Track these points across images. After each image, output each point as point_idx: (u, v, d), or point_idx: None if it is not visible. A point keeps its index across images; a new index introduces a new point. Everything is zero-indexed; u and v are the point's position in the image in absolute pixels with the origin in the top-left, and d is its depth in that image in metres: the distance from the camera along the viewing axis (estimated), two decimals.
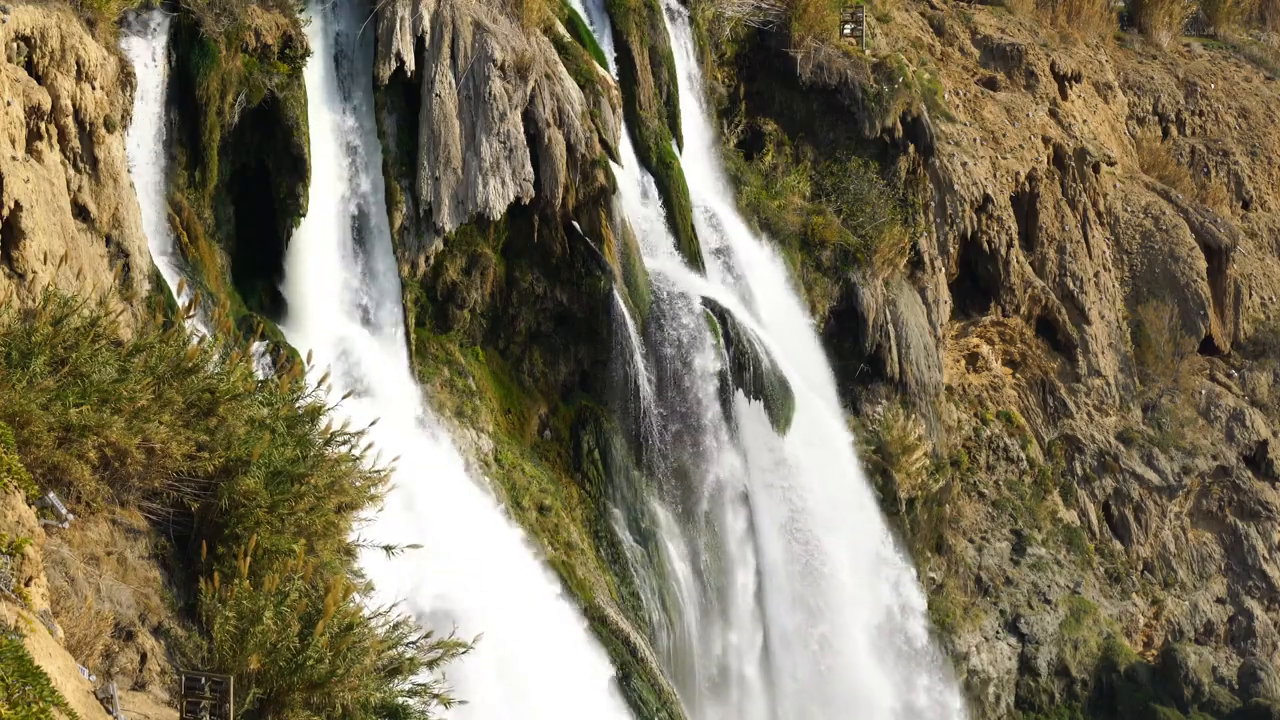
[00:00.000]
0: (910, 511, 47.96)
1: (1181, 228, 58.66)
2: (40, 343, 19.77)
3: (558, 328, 40.15)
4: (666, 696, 37.75)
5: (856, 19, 51.46)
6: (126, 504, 20.51)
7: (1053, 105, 57.66)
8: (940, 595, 49.30)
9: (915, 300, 49.04)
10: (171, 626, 19.65)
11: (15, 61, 27.46)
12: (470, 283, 38.85)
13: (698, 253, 43.26)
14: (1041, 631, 50.78)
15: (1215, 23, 70.87)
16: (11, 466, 16.99)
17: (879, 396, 47.74)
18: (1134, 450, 55.36)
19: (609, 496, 40.08)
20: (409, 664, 20.12)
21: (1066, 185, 55.89)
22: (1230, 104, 65.88)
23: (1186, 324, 57.61)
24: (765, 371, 41.42)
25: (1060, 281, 54.90)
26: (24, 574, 15.98)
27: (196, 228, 33.82)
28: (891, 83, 48.33)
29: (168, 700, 18.48)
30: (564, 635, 35.91)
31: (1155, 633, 54.02)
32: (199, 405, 20.90)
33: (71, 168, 28.81)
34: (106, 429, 19.44)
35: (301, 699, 18.68)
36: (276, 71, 34.71)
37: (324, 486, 20.93)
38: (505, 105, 37.67)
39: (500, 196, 37.61)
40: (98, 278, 27.77)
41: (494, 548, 35.27)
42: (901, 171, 48.99)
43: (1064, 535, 53.24)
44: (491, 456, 38.17)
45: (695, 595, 41.00)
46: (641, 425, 40.13)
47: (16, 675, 13.88)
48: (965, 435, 52.54)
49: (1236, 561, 56.09)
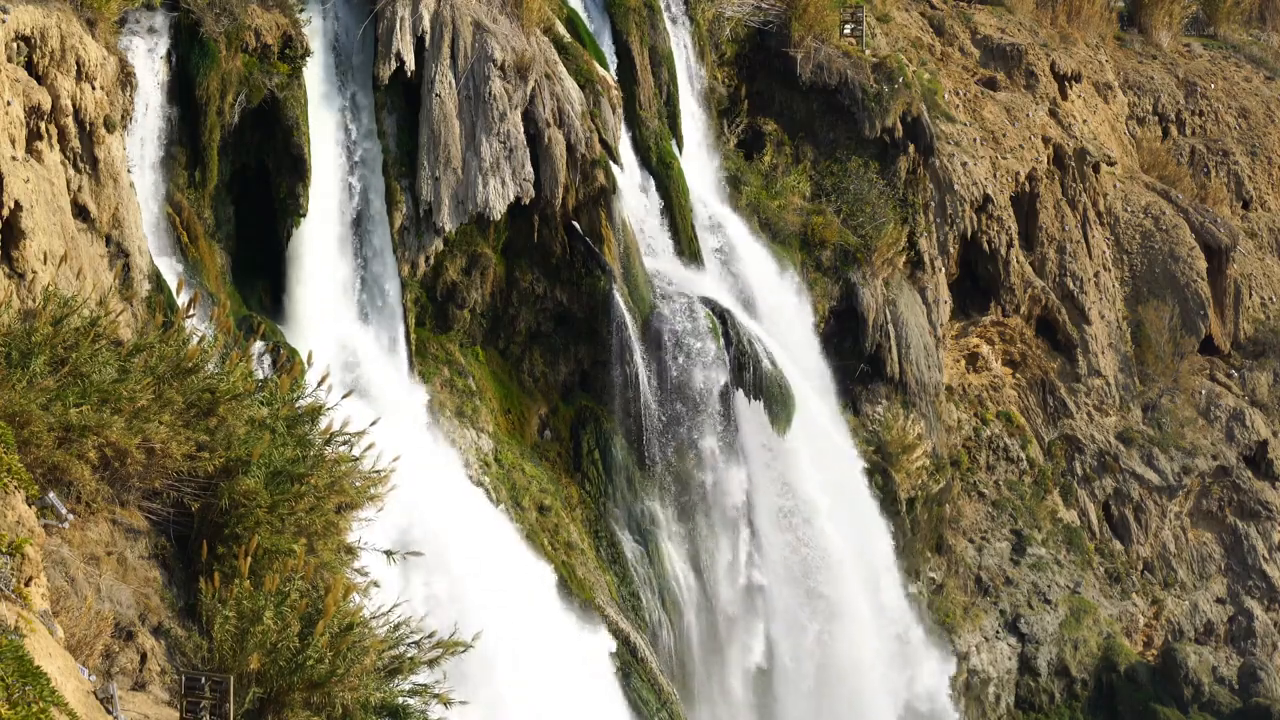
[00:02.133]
0: (910, 511, 47.94)
1: (1181, 228, 58.66)
2: (40, 343, 19.77)
3: (558, 328, 40.14)
4: (666, 696, 37.75)
5: (856, 19, 51.46)
6: (126, 504, 20.51)
7: (1053, 105, 57.66)
8: (940, 595, 49.29)
9: (915, 300, 49.03)
10: (171, 626, 19.65)
11: (15, 61, 27.46)
12: (470, 283, 38.85)
13: (698, 253, 43.26)
14: (1041, 631, 50.76)
15: (1215, 23, 70.86)
16: (11, 466, 16.99)
17: (879, 396, 47.73)
18: (1134, 450, 55.35)
19: (609, 496, 40.06)
20: (409, 664, 20.12)
21: (1066, 185, 55.88)
22: (1230, 104, 65.87)
23: (1186, 324, 57.61)
24: (765, 372, 41.41)
25: (1060, 281, 54.89)
26: (24, 574, 15.98)
27: (196, 228, 33.81)
28: (891, 83, 48.32)
29: (168, 700, 18.48)
30: (561, 626, 35.93)
31: (1155, 633, 54.01)
32: (199, 405, 20.91)
33: (71, 168, 28.80)
34: (106, 429, 19.44)
35: (301, 699, 18.69)
36: (276, 71, 34.71)
37: (324, 486, 20.94)
38: (505, 105, 37.66)
39: (500, 196, 37.60)
40: (98, 278, 27.76)
41: (493, 547, 35.26)
42: (901, 171, 48.98)
43: (1064, 535, 53.23)
44: (491, 456, 38.16)
45: (695, 595, 40.98)
46: (641, 425, 40.12)
47: (16, 675, 13.87)
48: (965, 435, 52.53)
49: (1236, 561, 56.08)
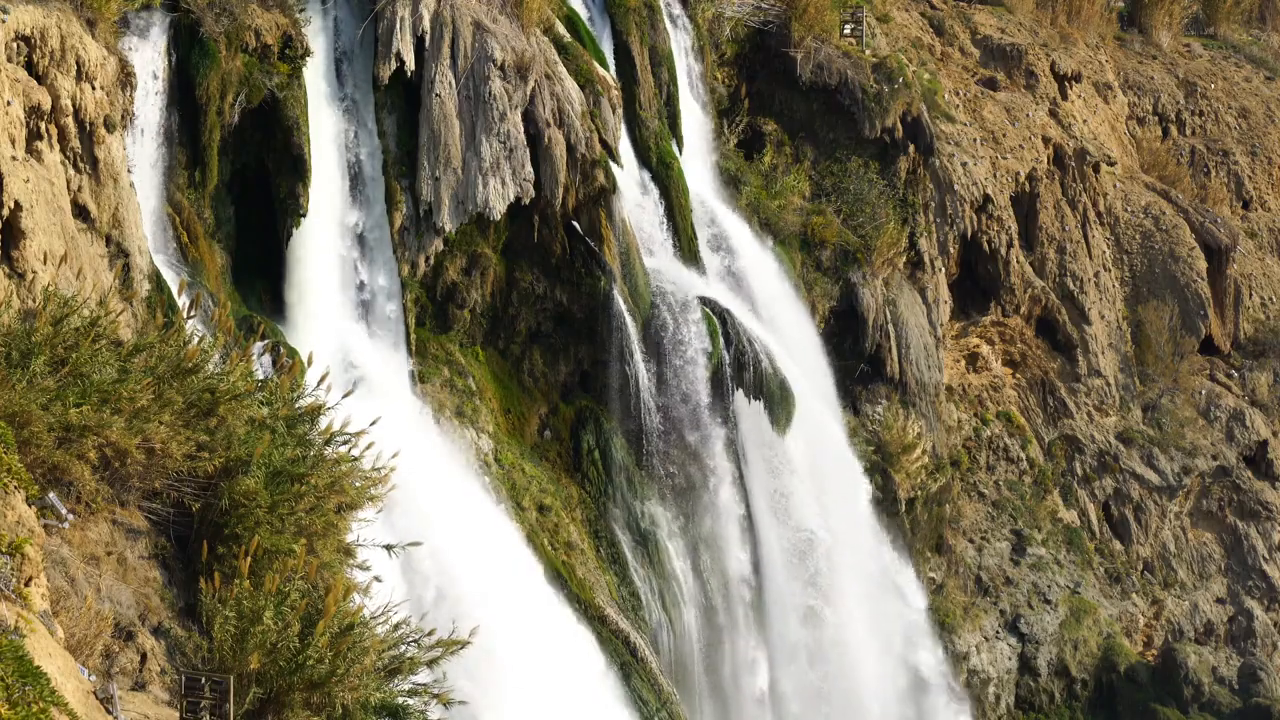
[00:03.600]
0: (910, 511, 47.94)
1: (1181, 228, 58.65)
2: (40, 343, 19.77)
3: (558, 328, 40.13)
4: (666, 696, 37.73)
5: (856, 19, 51.47)
6: (126, 504, 20.51)
7: (1053, 105, 57.66)
8: (940, 595, 49.29)
9: (915, 300, 49.03)
10: (171, 626, 19.65)
11: (15, 61, 27.46)
12: (470, 283, 38.84)
13: (698, 253, 43.26)
14: (1041, 631, 50.76)
15: (1215, 23, 70.87)
16: (11, 466, 16.99)
17: (879, 396, 47.72)
18: (1134, 450, 55.35)
19: (609, 496, 40.06)
20: (409, 664, 20.11)
21: (1066, 185, 55.88)
22: (1230, 104, 65.87)
23: (1186, 324, 57.60)
24: (765, 372, 41.40)
25: (1060, 281, 54.89)
26: (24, 574, 15.98)
27: (196, 228, 33.81)
28: (891, 83, 48.32)
29: (168, 700, 18.49)
30: (561, 630, 35.90)
31: (1155, 633, 54.00)
32: (199, 405, 20.91)
33: (71, 168, 28.79)
34: (106, 429, 19.44)
35: (301, 699, 18.68)
36: (276, 71, 34.71)
37: (324, 486, 20.94)
38: (505, 105, 37.65)
39: (500, 196, 37.60)
40: (98, 278, 27.76)
41: (492, 546, 35.25)
42: (901, 171, 48.98)
43: (1064, 535, 53.22)
44: (491, 456, 38.16)
45: (695, 595, 40.97)
46: (641, 425, 40.11)
47: (16, 675, 13.87)
48: (965, 435, 52.53)
49: (1236, 561, 56.07)
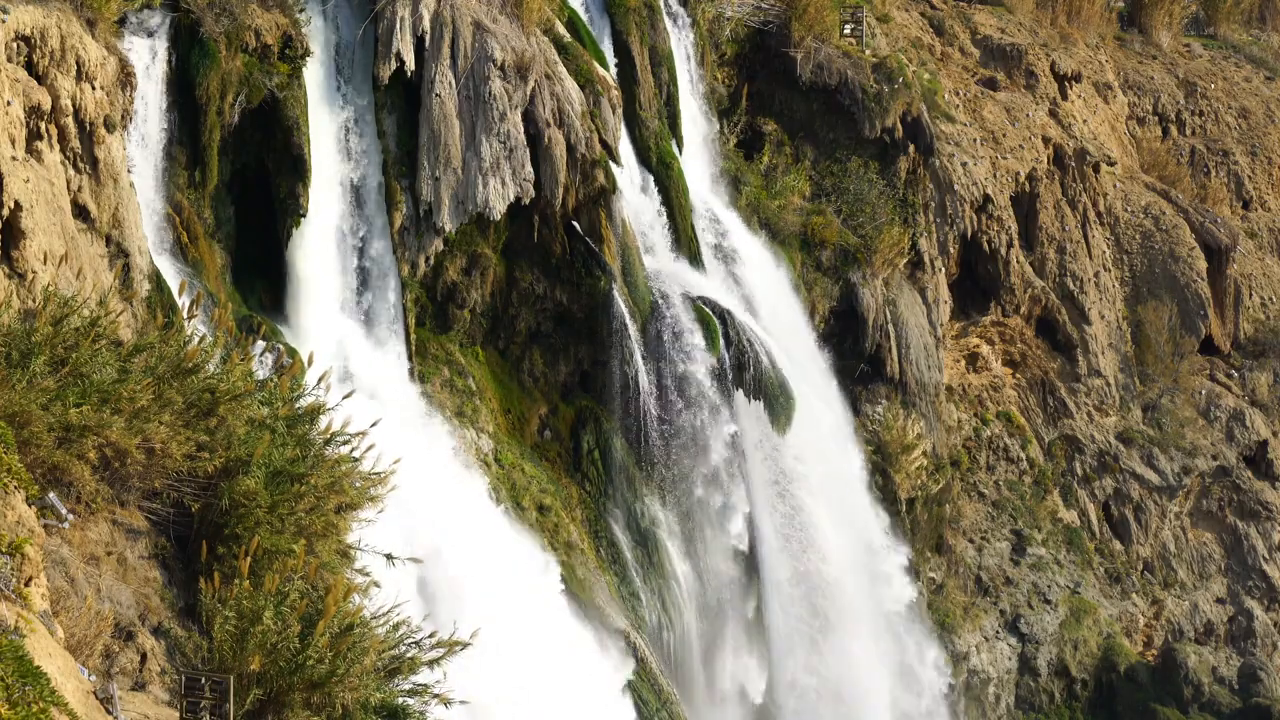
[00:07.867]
0: (910, 511, 47.93)
1: (1181, 228, 58.65)
2: (40, 343, 19.77)
3: (557, 328, 40.14)
4: (666, 697, 37.73)
5: (856, 19, 51.45)
6: (126, 504, 20.51)
7: (1053, 105, 57.65)
8: (940, 595, 49.28)
9: (915, 300, 49.03)
10: (171, 626, 19.65)
11: (15, 61, 27.46)
12: (470, 283, 38.85)
13: (698, 253, 43.26)
14: (1041, 631, 50.76)
15: (1215, 23, 70.85)
16: (11, 466, 16.99)
17: (879, 396, 47.72)
18: (1134, 450, 55.34)
19: (609, 496, 40.07)
20: (409, 664, 20.10)
21: (1066, 185, 55.88)
22: (1230, 104, 65.86)
23: (1186, 324, 57.60)
24: (765, 372, 41.40)
25: (1060, 281, 54.89)
26: (24, 574, 15.98)
27: (196, 228, 33.81)
28: (891, 83, 48.31)
29: (168, 700, 18.48)
30: (564, 629, 35.91)
31: (1155, 633, 54.00)
32: (199, 405, 20.91)
33: (71, 168, 28.80)
34: (106, 429, 19.45)
35: (301, 699, 18.68)
36: (276, 71, 34.71)
37: (324, 487, 20.94)
38: (505, 105, 37.66)
39: (500, 196, 37.60)
40: (98, 278, 27.76)
41: (492, 546, 35.25)
42: (901, 171, 48.98)
43: (1064, 535, 53.22)
44: (491, 456, 38.16)
45: (695, 595, 40.97)
46: (641, 425, 40.12)
47: (16, 675, 13.87)
48: (965, 435, 52.52)
49: (1236, 561, 56.07)
